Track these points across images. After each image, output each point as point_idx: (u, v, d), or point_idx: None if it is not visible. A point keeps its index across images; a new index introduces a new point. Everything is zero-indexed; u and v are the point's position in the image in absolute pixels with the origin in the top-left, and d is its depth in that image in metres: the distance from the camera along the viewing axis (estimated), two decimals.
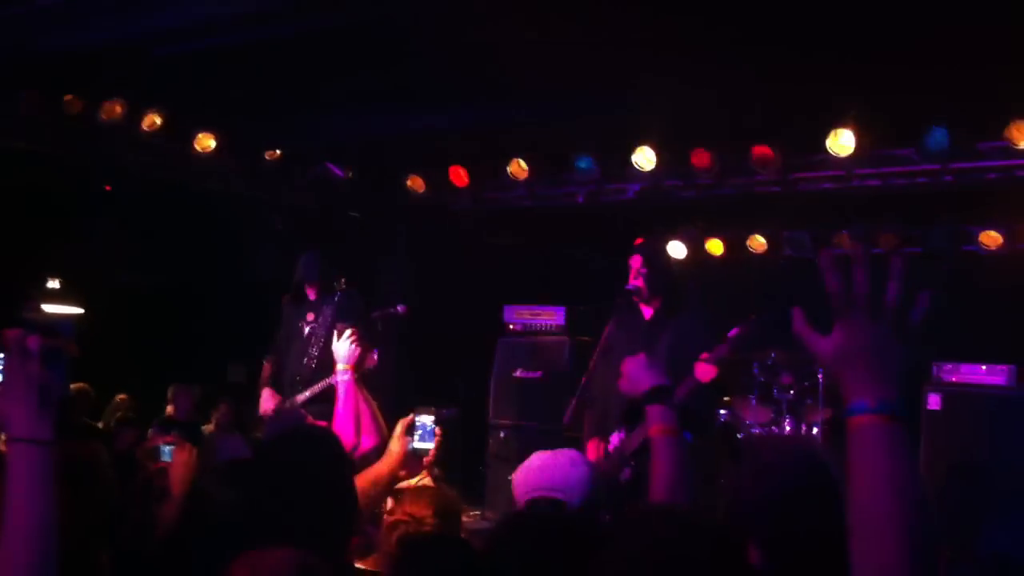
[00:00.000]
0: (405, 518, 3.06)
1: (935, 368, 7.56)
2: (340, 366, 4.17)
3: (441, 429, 3.71)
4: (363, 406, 4.00)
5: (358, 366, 4.16)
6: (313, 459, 2.60)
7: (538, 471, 2.83)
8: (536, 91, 7.35)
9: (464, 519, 3.81)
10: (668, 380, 2.71)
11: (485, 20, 6.15)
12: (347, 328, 4.33)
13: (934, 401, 7.41)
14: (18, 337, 1.82)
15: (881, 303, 1.54)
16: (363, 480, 3.25)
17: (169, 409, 8.55)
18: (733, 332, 5.54)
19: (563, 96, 7.48)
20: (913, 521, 1.42)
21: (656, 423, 2.60)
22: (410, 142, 8.83)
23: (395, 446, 3.62)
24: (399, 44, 6.65)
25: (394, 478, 3.62)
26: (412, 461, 3.76)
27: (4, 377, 1.81)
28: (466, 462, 9.02)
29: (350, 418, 3.91)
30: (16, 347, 1.82)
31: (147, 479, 3.70)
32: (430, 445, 3.70)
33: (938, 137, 7.45)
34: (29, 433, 1.75)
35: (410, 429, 3.67)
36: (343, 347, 4.22)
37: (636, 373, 2.74)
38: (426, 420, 3.73)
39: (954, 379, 7.49)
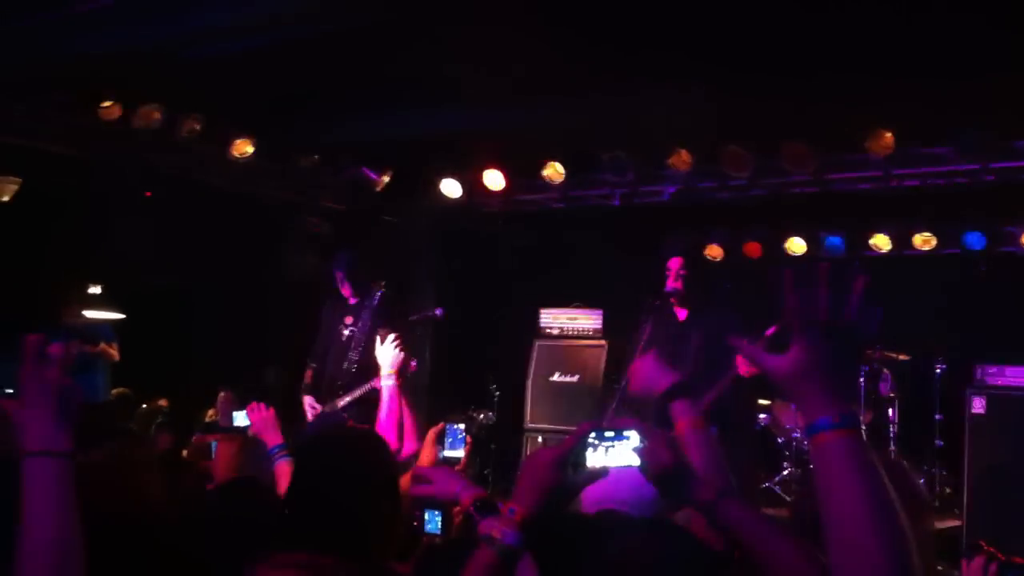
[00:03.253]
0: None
1: (978, 371, 7.45)
2: (384, 371, 4.11)
3: (471, 438, 3.70)
4: (406, 411, 3.98)
5: (402, 371, 4.12)
6: (358, 460, 2.57)
7: (611, 482, 2.73)
8: (569, 93, 7.33)
9: None
10: (682, 376, 2.68)
11: (518, 22, 6.14)
12: (391, 333, 4.28)
13: (978, 404, 7.30)
14: (36, 343, 1.70)
15: (838, 320, 1.56)
16: None
17: (211, 413, 8.55)
18: (770, 331, 5.50)
19: (596, 98, 7.46)
20: (888, 520, 1.48)
21: (682, 419, 2.60)
22: (444, 145, 8.83)
23: (425, 454, 3.61)
24: (432, 46, 6.65)
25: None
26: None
27: (22, 385, 1.70)
28: (502, 466, 9.01)
29: (393, 424, 3.89)
30: (34, 353, 1.70)
31: (198, 476, 3.72)
32: (460, 453, 3.69)
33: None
34: (46, 445, 1.66)
35: (440, 438, 3.66)
36: (387, 352, 4.15)
37: (650, 373, 2.73)
38: (457, 428, 3.72)
39: (998, 382, 7.38)
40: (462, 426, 3.75)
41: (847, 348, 1.56)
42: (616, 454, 2.06)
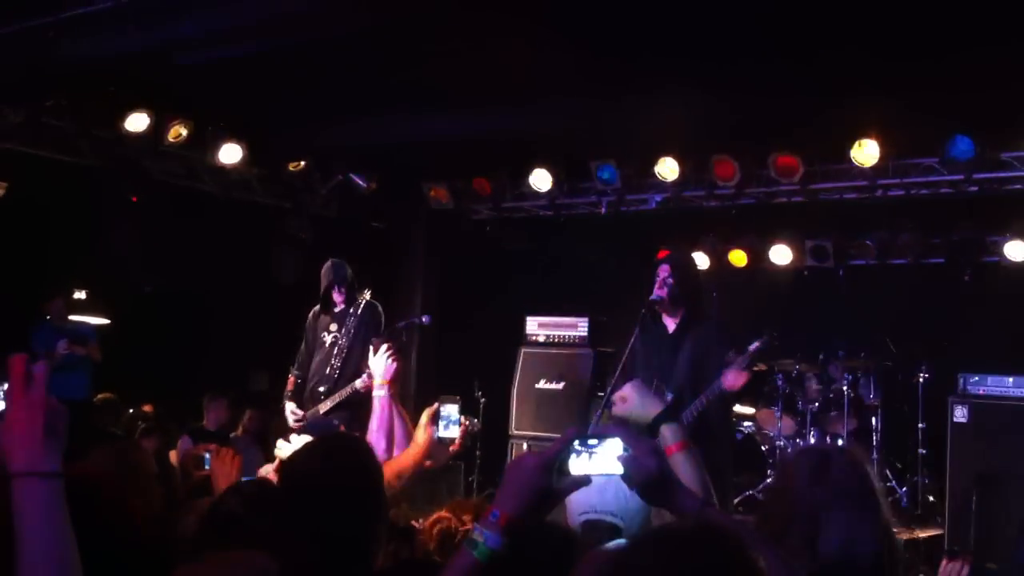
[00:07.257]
0: (447, 515, 3.07)
1: (961, 380, 7.50)
2: (377, 381, 4.12)
3: (467, 419, 3.66)
4: (397, 421, 4.00)
5: (394, 381, 4.13)
6: (343, 467, 2.59)
7: (597, 491, 2.59)
8: (558, 101, 7.37)
9: None
10: (672, 399, 2.73)
11: (505, 30, 6.18)
12: (383, 343, 4.29)
13: (960, 413, 7.35)
14: (21, 363, 1.65)
15: None
16: (388, 471, 3.21)
17: (208, 420, 8.51)
18: (753, 346, 5.52)
19: (585, 106, 7.50)
20: None
21: (672, 441, 2.62)
22: (432, 152, 8.85)
23: (420, 436, 3.60)
24: (421, 54, 6.68)
25: (419, 468, 3.58)
26: (438, 450, 3.73)
27: (6, 406, 1.64)
28: (487, 472, 9.02)
29: (385, 433, 3.91)
30: (18, 373, 1.65)
31: (191, 487, 3.71)
32: (455, 434, 3.67)
33: (962, 146, 7.44)
34: (33, 466, 1.60)
35: (435, 419, 3.65)
36: (380, 362, 4.16)
37: (642, 397, 2.78)
38: (451, 410, 3.70)
39: (980, 391, 7.43)
40: (456, 407, 3.71)
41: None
42: (599, 461, 2.05)
